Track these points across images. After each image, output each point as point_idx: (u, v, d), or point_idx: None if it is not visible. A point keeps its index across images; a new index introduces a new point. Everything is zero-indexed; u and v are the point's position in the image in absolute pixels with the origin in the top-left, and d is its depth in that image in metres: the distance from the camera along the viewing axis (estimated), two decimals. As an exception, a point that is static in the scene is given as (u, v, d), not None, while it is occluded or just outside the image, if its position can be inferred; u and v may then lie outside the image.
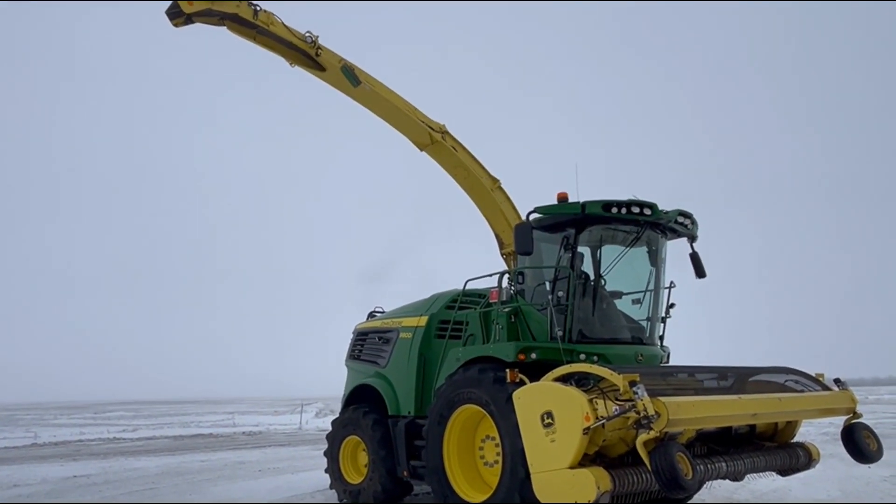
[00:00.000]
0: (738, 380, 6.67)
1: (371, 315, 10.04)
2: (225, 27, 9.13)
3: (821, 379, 7.12)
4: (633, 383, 5.30)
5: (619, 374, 5.41)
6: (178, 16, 8.76)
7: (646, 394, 5.20)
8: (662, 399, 5.16)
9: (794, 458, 6.92)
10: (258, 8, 9.07)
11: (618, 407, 5.31)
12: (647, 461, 5.10)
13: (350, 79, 9.50)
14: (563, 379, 5.82)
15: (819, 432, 18.16)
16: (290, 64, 9.60)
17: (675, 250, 7.93)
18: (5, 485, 11.29)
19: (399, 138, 10.13)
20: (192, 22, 8.92)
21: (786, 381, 7.11)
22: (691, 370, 6.61)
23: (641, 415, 5.15)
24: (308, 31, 9.43)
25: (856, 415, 6.97)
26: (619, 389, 5.58)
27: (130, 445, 20.26)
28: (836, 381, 7.17)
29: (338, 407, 9.93)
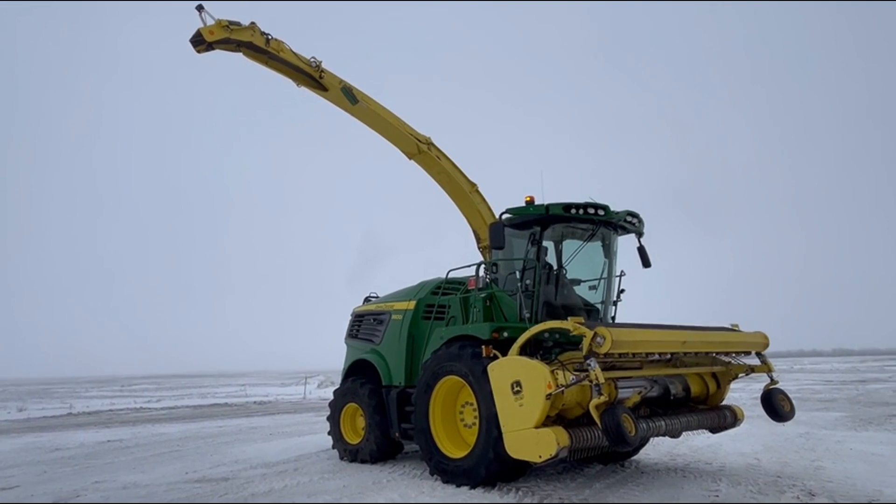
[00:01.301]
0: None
1: (366, 299, 10.09)
2: (241, 53, 9.19)
3: (735, 328, 7.38)
4: (587, 356, 5.56)
5: (568, 319, 5.75)
6: (200, 43, 8.79)
7: (598, 366, 5.46)
8: (607, 328, 5.46)
9: (722, 418, 7.18)
10: (270, 37, 9.14)
11: (575, 376, 5.57)
12: (598, 421, 5.36)
13: (349, 98, 9.57)
14: (528, 344, 6.08)
15: (749, 397, 18.60)
16: (297, 85, 9.64)
17: (625, 244, 8.15)
18: (48, 448, 11.27)
19: (391, 148, 10.24)
20: (213, 49, 8.94)
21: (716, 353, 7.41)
22: None
23: (594, 383, 5.41)
24: (313, 57, 9.50)
25: (773, 381, 7.24)
26: (576, 362, 5.84)
27: (156, 414, 20.14)
28: (757, 353, 7.47)
29: (337, 379, 9.99)
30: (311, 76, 9.52)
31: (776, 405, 6.97)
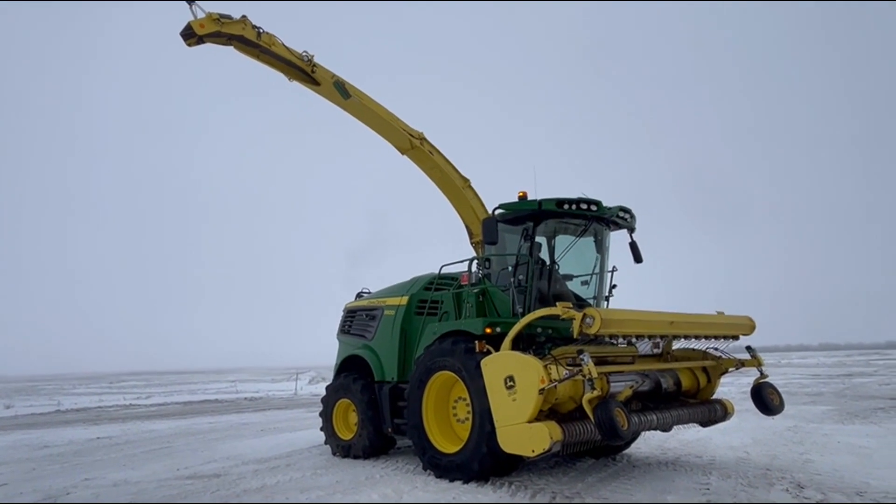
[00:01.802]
0: (667, 344, 7.06)
1: (359, 295, 10.06)
2: (232, 47, 9.11)
3: (721, 314, 7.38)
4: (580, 351, 5.59)
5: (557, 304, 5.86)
6: (191, 37, 8.71)
7: (591, 360, 5.49)
8: (596, 309, 5.55)
9: (713, 412, 7.24)
10: (261, 30, 9.07)
11: (568, 371, 5.59)
12: (591, 415, 5.39)
13: (341, 92, 9.52)
14: (521, 339, 6.13)
15: (739, 391, 18.76)
16: (289, 79, 9.59)
17: (617, 240, 8.17)
18: (36, 445, 11.16)
19: (383, 143, 10.20)
20: (204, 42, 8.86)
21: (707, 347, 7.48)
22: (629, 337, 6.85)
23: (587, 378, 5.44)
24: (305, 51, 9.45)
25: (763, 375, 7.32)
26: (569, 357, 5.87)
27: (145, 410, 20.00)
28: (747, 348, 7.56)
29: (329, 375, 10.01)
30: (303, 70, 9.47)
31: (766, 399, 7.05)
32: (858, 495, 5.71)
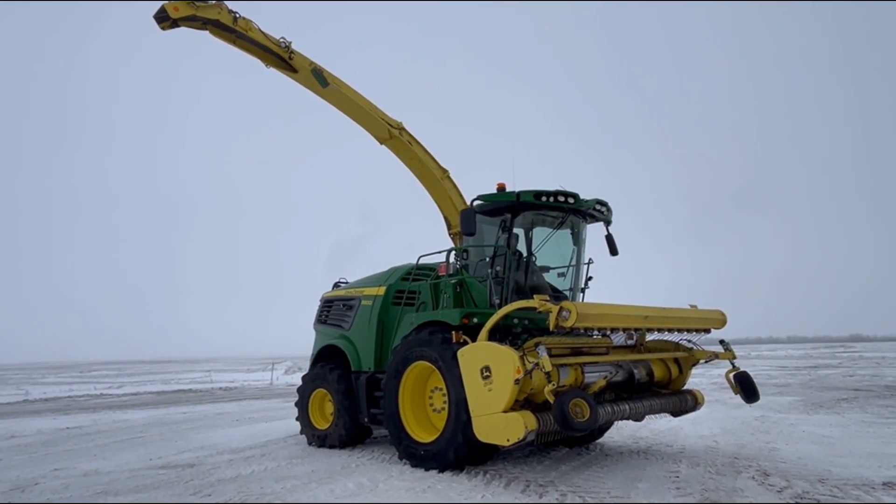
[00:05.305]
0: (640, 336, 7.15)
1: (336, 285, 10.02)
2: (208, 31, 8.93)
3: (694, 308, 7.53)
4: (537, 344, 5.67)
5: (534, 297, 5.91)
6: (164, 20, 8.50)
7: (546, 353, 5.56)
8: (572, 303, 5.64)
9: (684, 402, 7.39)
10: (237, 15, 8.90)
11: (534, 363, 5.68)
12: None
13: (319, 80, 9.40)
14: (498, 331, 6.17)
15: (709, 382, 19.20)
16: (266, 65, 9.43)
17: (594, 232, 8.25)
18: (3, 436, 10.88)
19: (362, 133, 10.13)
20: (178, 26, 8.65)
21: (679, 339, 7.63)
22: (604, 330, 6.94)
23: (543, 370, 5.51)
24: (282, 37, 9.29)
25: (735, 367, 7.42)
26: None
27: (117, 400, 19.63)
28: (721, 341, 7.71)
29: (305, 365, 9.94)
30: (280, 57, 9.33)
31: (752, 385, 7.16)
32: (820, 482, 5.89)
